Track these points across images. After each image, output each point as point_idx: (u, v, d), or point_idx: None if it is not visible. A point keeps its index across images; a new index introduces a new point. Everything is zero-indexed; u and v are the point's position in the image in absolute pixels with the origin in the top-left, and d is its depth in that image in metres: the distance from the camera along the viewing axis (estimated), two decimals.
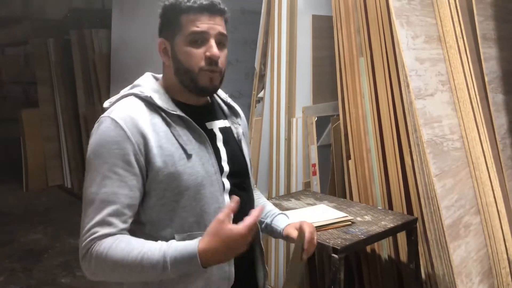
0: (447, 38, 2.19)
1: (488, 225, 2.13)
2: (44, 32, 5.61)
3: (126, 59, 3.84)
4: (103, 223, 0.97)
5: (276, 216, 1.27)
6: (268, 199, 2.36)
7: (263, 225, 1.27)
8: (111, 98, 1.12)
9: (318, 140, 2.60)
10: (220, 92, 1.23)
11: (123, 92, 1.11)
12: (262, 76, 2.92)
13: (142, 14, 3.56)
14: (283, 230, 1.22)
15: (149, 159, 1.00)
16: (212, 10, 1.05)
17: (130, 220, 1.01)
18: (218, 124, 1.15)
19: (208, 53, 1.04)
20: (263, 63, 2.91)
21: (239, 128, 1.21)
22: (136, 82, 1.13)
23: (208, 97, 1.18)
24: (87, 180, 1.01)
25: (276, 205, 2.15)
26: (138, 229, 1.05)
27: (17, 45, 6.27)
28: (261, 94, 2.92)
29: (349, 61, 2.34)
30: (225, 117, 1.19)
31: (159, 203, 1.03)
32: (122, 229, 0.99)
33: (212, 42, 1.05)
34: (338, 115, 2.49)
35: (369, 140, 2.28)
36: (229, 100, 1.23)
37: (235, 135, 1.19)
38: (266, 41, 2.87)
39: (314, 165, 2.60)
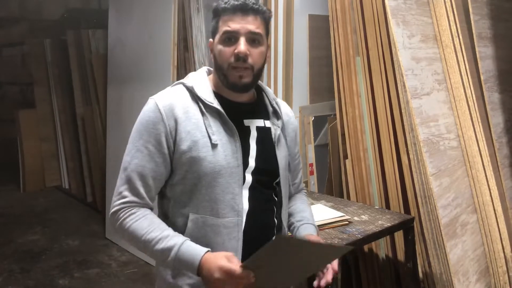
0: (443, 37, 2.20)
1: (485, 224, 2.14)
2: (40, 32, 5.60)
3: (123, 59, 3.83)
4: (132, 189, 1.12)
5: (305, 224, 1.30)
6: None
7: (291, 227, 1.32)
8: (175, 82, 1.24)
9: (315, 139, 2.61)
10: (269, 92, 1.28)
11: (179, 81, 1.22)
12: None
13: (138, 15, 3.55)
14: (305, 236, 1.25)
15: (177, 142, 1.11)
16: (244, 10, 1.12)
17: (154, 193, 1.15)
18: (257, 123, 1.20)
19: (236, 50, 1.11)
20: None
21: (278, 130, 1.24)
22: (190, 73, 1.24)
23: (255, 95, 1.24)
24: (127, 148, 1.15)
25: None
26: (165, 203, 1.18)
27: (14, 46, 6.25)
28: None
29: (345, 60, 2.34)
30: (267, 117, 1.24)
31: (181, 182, 1.13)
32: (146, 199, 1.13)
33: (241, 40, 1.11)
34: (335, 115, 2.49)
35: (366, 139, 2.28)
36: (274, 103, 1.27)
37: (272, 136, 1.22)
38: None
39: (311, 165, 2.60)
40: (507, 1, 2.58)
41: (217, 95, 1.18)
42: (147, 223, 1.09)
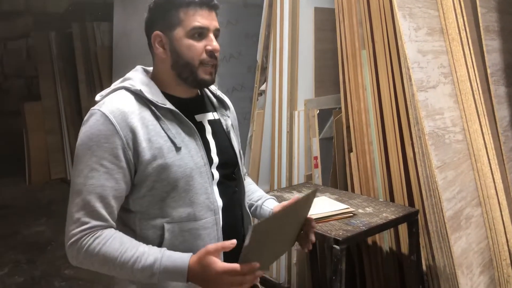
0: (450, 30, 2.19)
1: (489, 217, 2.14)
2: (46, 25, 5.60)
3: (128, 51, 3.84)
4: (91, 214, 1.00)
5: (267, 199, 1.31)
6: (270, 192, 2.38)
7: (252, 208, 1.31)
8: (103, 91, 1.14)
9: (320, 132, 2.61)
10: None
11: (114, 85, 1.13)
12: (264, 69, 2.92)
13: (143, 7, 3.55)
14: (272, 210, 1.26)
15: (138, 153, 1.03)
16: (210, 5, 1.09)
17: (116, 212, 1.05)
18: (207, 117, 1.18)
19: (209, 47, 1.08)
20: (265, 56, 2.91)
21: (228, 120, 1.23)
22: (126, 76, 1.15)
23: (198, 90, 1.20)
24: (75, 169, 1.03)
25: (277, 197, 2.17)
26: (129, 218, 1.09)
27: (19, 39, 6.26)
28: (263, 87, 2.92)
29: (351, 53, 2.34)
30: (214, 109, 1.22)
31: (149, 194, 1.06)
32: (109, 220, 1.03)
33: (212, 36, 1.08)
34: (340, 108, 2.49)
35: (371, 132, 2.28)
36: (219, 93, 1.26)
37: (224, 127, 1.21)
38: (268, 34, 2.86)
39: (316, 158, 2.61)
40: None
41: (164, 94, 1.11)
42: (118, 244, 1.00)
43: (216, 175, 1.13)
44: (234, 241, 0.98)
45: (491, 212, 2.13)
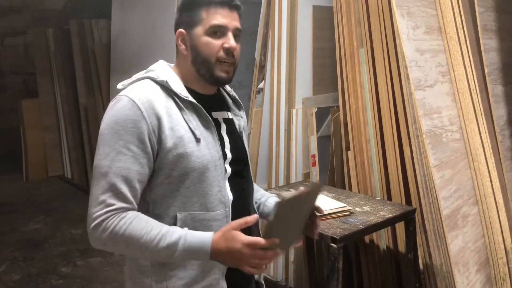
0: (448, 29, 2.19)
1: (486, 216, 2.15)
2: (43, 22, 5.58)
3: (126, 49, 3.83)
4: (117, 196, 1.03)
5: (269, 197, 1.37)
6: (267, 190, 2.38)
7: (257, 205, 1.34)
8: (125, 81, 1.17)
9: (317, 131, 2.61)
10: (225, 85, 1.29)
11: (138, 75, 1.16)
12: (262, 67, 2.92)
13: (142, 4, 3.54)
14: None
15: (161, 140, 1.06)
16: (231, 5, 1.13)
17: (139, 196, 1.08)
18: (223, 115, 1.22)
19: (226, 45, 1.11)
20: (264, 54, 2.91)
21: (241, 120, 1.27)
22: (151, 67, 1.18)
23: (216, 89, 1.24)
24: (100, 153, 1.05)
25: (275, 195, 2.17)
26: (142, 208, 1.11)
27: (17, 35, 6.24)
28: (261, 85, 2.92)
29: (349, 52, 2.34)
30: (228, 109, 1.25)
31: (166, 182, 1.09)
32: (133, 203, 1.06)
33: (230, 35, 1.12)
34: (338, 106, 2.50)
35: (369, 131, 2.28)
36: (234, 94, 1.29)
37: (237, 127, 1.25)
38: (267, 31, 2.86)
39: (313, 156, 2.61)
40: None
41: (187, 88, 1.15)
42: (144, 223, 1.03)
43: (229, 170, 1.16)
44: (257, 216, 1.04)
45: (487, 211, 2.14)
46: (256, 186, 1.40)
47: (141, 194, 1.10)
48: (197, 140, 1.09)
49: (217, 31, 1.11)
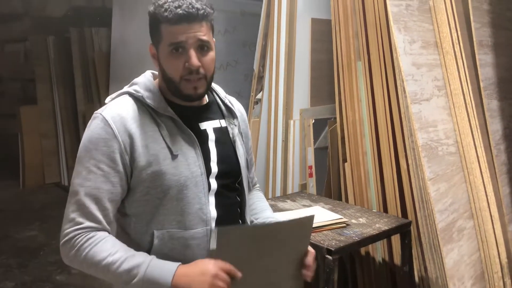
0: (444, 44, 2.22)
1: (481, 230, 2.15)
2: (44, 29, 5.61)
3: (125, 57, 3.85)
4: (86, 215, 1.03)
5: (269, 219, 1.28)
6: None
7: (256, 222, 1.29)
8: (113, 94, 1.16)
9: (315, 142, 2.62)
10: (220, 91, 1.25)
11: (123, 89, 1.15)
12: (260, 78, 2.94)
13: (142, 13, 3.57)
14: None
15: (134, 158, 1.04)
16: (189, 19, 1.03)
17: (111, 215, 1.07)
18: (212, 124, 1.17)
19: (187, 64, 1.05)
20: (262, 65, 2.93)
21: (235, 128, 1.21)
22: (135, 80, 1.16)
23: (206, 96, 1.19)
24: (75, 170, 1.06)
25: (271, 206, 2.16)
26: (125, 221, 1.11)
27: (17, 42, 6.26)
28: (259, 96, 2.94)
29: (347, 64, 2.36)
30: (222, 116, 1.20)
31: (143, 199, 1.07)
32: (103, 223, 1.04)
33: (191, 52, 1.05)
34: (335, 118, 2.51)
35: (366, 143, 2.30)
36: (227, 100, 1.24)
37: (231, 136, 1.19)
38: (265, 43, 2.89)
39: (310, 167, 2.62)
40: (508, 10, 2.61)
41: (168, 101, 1.11)
42: (110, 245, 1.01)
43: (214, 185, 1.12)
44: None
45: (483, 224, 2.15)
46: (263, 204, 1.33)
47: (122, 209, 1.10)
48: (174, 156, 1.06)
49: (178, 48, 1.05)
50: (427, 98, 2.12)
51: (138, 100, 1.10)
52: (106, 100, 1.14)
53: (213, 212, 1.11)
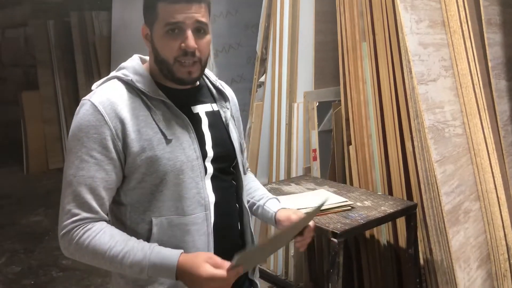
0: (451, 23, 2.17)
1: (488, 212, 2.14)
2: (44, 14, 5.55)
3: (126, 41, 3.81)
4: (81, 205, 1.00)
5: (269, 199, 1.28)
6: (268, 184, 2.37)
7: (254, 207, 1.28)
8: (99, 81, 1.12)
9: (319, 125, 2.59)
10: (210, 74, 1.22)
11: (111, 74, 1.11)
12: (263, 61, 2.90)
13: None
14: (275, 213, 1.22)
15: (127, 144, 1.01)
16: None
17: (107, 204, 1.04)
18: (205, 108, 1.14)
19: (183, 44, 1.02)
20: (265, 47, 2.89)
21: (227, 112, 1.19)
22: (122, 64, 1.12)
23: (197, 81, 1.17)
24: (66, 161, 1.03)
25: (276, 189, 2.16)
26: (120, 211, 1.08)
27: (17, 27, 6.21)
28: (262, 79, 2.90)
29: (351, 45, 2.32)
30: (214, 100, 1.18)
31: (139, 186, 1.04)
32: (100, 213, 1.02)
33: (188, 33, 1.02)
34: (339, 101, 2.48)
35: (370, 125, 2.27)
36: (218, 84, 1.21)
37: (223, 119, 1.17)
38: (268, 25, 2.83)
39: (314, 150, 2.59)
40: None
41: (159, 84, 1.08)
42: (108, 238, 0.99)
43: (210, 169, 1.10)
44: (238, 273, 0.95)
45: (489, 206, 2.13)
46: (256, 184, 1.34)
47: (117, 198, 1.07)
48: (168, 141, 1.03)
49: (174, 29, 1.01)
50: (434, 79, 2.08)
51: (127, 84, 1.06)
52: (93, 87, 1.10)
53: (211, 197, 1.09)
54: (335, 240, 1.69)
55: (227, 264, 0.94)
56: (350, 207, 1.89)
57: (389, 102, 2.17)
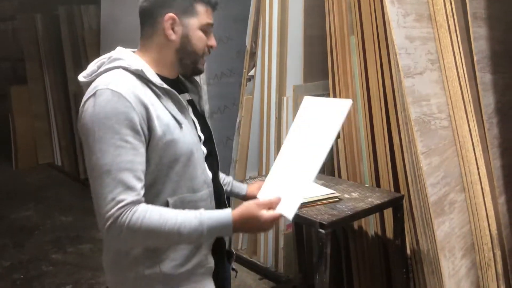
0: (438, 17, 2.19)
1: (472, 203, 2.18)
2: (32, 7, 5.49)
3: (115, 36, 3.78)
4: (126, 190, 1.01)
5: (229, 178, 1.48)
6: (257, 177, 2.39)
7: (226, 187, 1.42)
8: (85, 72, 1.14)
9: None
10: None
11: (105, 65, 1.12)
12: (253, 54, 2.91)
13: None
14: (247, 186, 1.47)
15: (151, 129, 1.06)
16: (216, 7, 1.21)
17: (144, 187, 1.08)
18: (186, 97, 1.25)
19: (213, 43, 1.20)
20: (254, 41, 2.90)
21: (201, 100, 1.32)
22: (117, 56, 1.13)
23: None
24: (96, 152, 1.02)
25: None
26: None
27: (5, 20, 6.14)
28: (252, 73, 2.92)
29: (340, 39, 2.34)
30: (187, 90, 1.29)
31: (156, 169, 1.10)
32: (141, 194, 1.04)
33: (212, 35, 1.21)
34: (328, 94, 2.50)
35: (358, 118, 2.29)
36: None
37: (198, 107, 1.29)
38: (258, 18, 2.84)
39: None
40: None
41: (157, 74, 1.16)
42: (157, 215, 1.03)
43: (205, 150, 1.22)
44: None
45: (474, 197, 2.17)
46: (223, 175, 1.46)
47: None
48: (180, 126, 1.12)
49: (207, 30, 1.18)
50: (420, 72, 2.11)
51: (135, 74, 1.10)
52: (81, 78, 1.13)
53: (210, 174, 1.21)
54: (322, 231, 1.71)
55: (270, 201, 1.14)
56: (337, 199, 1.92)
57: (377, 96, 2.19)
